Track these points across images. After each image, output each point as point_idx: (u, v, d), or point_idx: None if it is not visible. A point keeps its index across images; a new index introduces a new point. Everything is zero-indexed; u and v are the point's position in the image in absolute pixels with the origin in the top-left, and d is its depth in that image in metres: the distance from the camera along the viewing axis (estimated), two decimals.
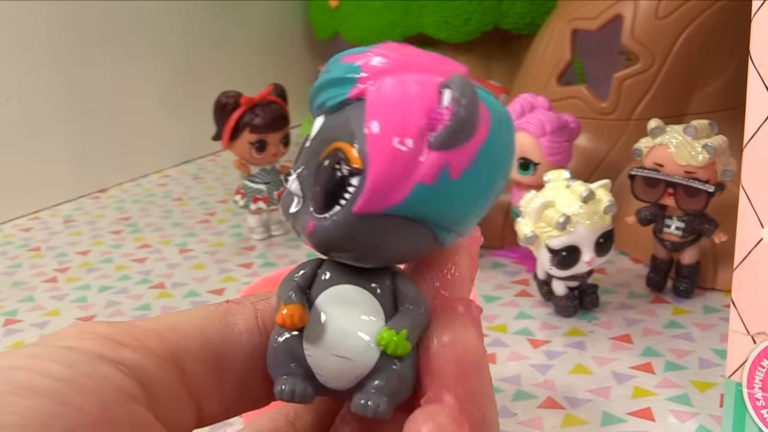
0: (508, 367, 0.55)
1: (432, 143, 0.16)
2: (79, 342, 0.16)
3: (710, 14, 0.71)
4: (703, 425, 0.47)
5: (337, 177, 0.17)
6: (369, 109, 0.16)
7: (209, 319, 0.19)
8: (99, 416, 0.15)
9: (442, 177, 0.16)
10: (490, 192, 0.18)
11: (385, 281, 0.18)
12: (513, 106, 0.68)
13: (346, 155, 0.17)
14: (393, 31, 1.08)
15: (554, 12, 0.84)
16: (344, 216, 0.17)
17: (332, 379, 0.18)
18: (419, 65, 0.17)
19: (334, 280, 0.18)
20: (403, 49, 0.18)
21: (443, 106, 0.16)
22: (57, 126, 1.01)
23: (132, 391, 0.16)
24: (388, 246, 0.17)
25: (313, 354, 0.18)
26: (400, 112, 0.16)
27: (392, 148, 0.16)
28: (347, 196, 0.17)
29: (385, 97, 0.17)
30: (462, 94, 0.16)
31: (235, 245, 0.83)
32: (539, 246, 0.58)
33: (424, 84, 0.17)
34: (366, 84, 0.17)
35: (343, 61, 0.18)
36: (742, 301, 0.38)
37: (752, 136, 0.36)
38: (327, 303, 0.18)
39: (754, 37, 0.35)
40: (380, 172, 0.16)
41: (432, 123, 0.16)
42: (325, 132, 0.18)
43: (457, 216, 0.17)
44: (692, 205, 0.59)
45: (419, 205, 0.16)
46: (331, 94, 0.18)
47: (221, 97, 0.79)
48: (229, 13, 1.23)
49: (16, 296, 0.72)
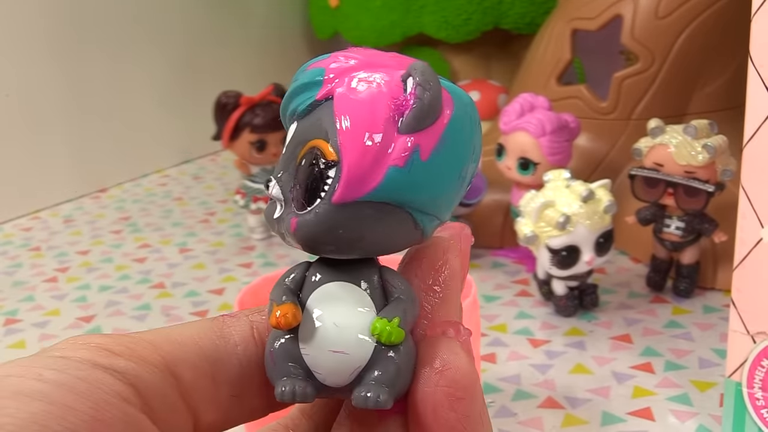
0: (508, 367, 0.55)
1: (401, 128, 0.17)
2: (73, 352, 0.17)
3: (710, 14, 0.71)
4: (703, 425, 0.47)
5: (315, 172, 0.17)
6: (337, 104, 0.17)
7: (204, 330, 0.19)
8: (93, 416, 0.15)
9: (412, 159, 0.17)
10: (461, 172, 0.18)
11: (374, 276, 0.19)
12: (513, 106, 0.68)
13: (322, 151, 0.17)
14: (393, 31, 1.08)
15: (554, 12, 0.84)
16: (325, 207, 0.17)
17: (330, 376, 0.18)
18: (382, 64, 0.18)
19: (324, 279, 0.19)
20: (366, 51, 0.19)
21: (408, 92, 0.17)
22: (57, 125, 1.01)
23: (126, 394, 0.16)
24: (370, 233, 0.18)
25: (310, 353, 0.18)
26: (368, 103, 0.17)
27: (363, 137, 0.17)
28: (326, 188, 0.17)
29: (352, 91, 0.17)
30: (424, 79, 0.17)
31: (235, 245, 0.83)
32: (539, 246, 0.58)
33: (387, 76, 0.18)
34: (332, 83, 0.18)
35: (309, 68, 0.18)
36: (742, 301, 0.38)
37: (752, 136, 0.36)
38: (319, 302, 0.18)
39: (754, 37, 0.35)
40: (354, 160, 0.17)
41: (399, 109, 0.17)
42: (299, 135, 0.18)
43: (432, 198, 0.18)
44: (692, 204, 0.59)
45: (394, 188, 0.17)
46: (301, 99, 0.18)
47: (221, 97, 0.79)
48: (229, 13, 1.23)
49: (17, 296, 0.73)
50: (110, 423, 0.15)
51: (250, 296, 0.47)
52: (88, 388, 0.16)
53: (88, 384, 0.16)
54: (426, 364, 0.18)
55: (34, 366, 0.16)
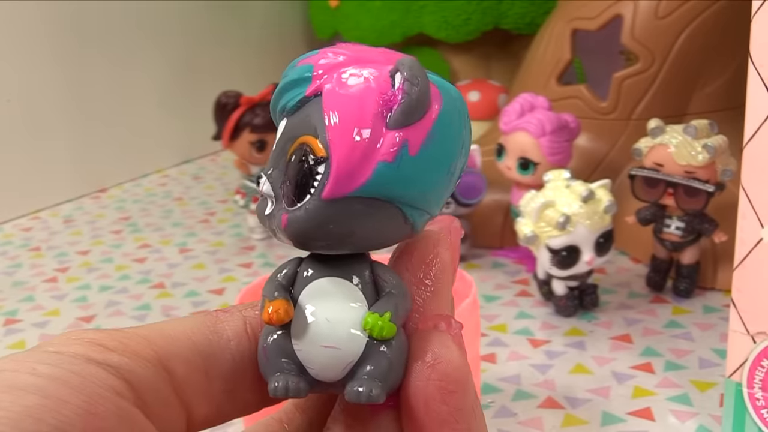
0: (508, 367, 0.55)
1: (389, 123, 0.17)
2: (66, 347, 0.17)
3: (710, 14, 0.71)
4: (703, 425, 0.47)
5: (304, 169, 0.17)
6: (326, 100, 0.17)
7: (197, 325, 0.19)
8: (87, 410, 0.15)
9: (401, 154, 0.17)
10: (449, 167, 0.18)
11: (365, 271, 0.19)
12: (513, 106, 0.68)
13: (311, 147, 0.17)
14: (393, 31, 1.08)
15: (554, 12, 0.84)
16: (315, 203, 0.17)
17: (323, 371, 0.18)
18: (371, 59, 0.18)
19: (316, 275, 0.19)
20: (354, 47, 0.19)
21: (396, 87, 0.17)
22: (57, 126, 1.01)
23: (119, 388, 0.16)
24: (360, 228, 0.18)
25: (303, 348, 0.18)
26: (356, 99, 0.17)
27: (352, 132, 0.17)
28: (315, 184, 0.17)
29: (341, 87, 0.17)
30: (412, 74, 0.17)
31: (235, 245, 0.83)
32: (539, 246, 0.58)
33: (376, 72, 0.18)
34: (321, 79, 0.18)
35: (298, 64, 0.19)
36: (742, 301, 0.38)
37: (752, 136, 0.36)
38: (311, 297, 0.18)
39: (754, 37, 0.35)
40: (343, 156, 0.17)
41: (387, 104, 0.17)
42: (289, 131, 0.19)
43: (422, 192, 0.18)
44: (692, 204, 0.59)
45: (383, 183, 0.17)
46: (290, 96, 0.19)
47: (221, 97, 0.79)
48: (229, 13, 1.23)
49: (16, 296, 0.73)
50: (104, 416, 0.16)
51: (250, 296, 0.47)
52: (81, 382, 0.16)
53: (82, 378, 0.16)
54: (418, 358, 0.18)
55: (28, 360, 0.16)
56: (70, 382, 0.16)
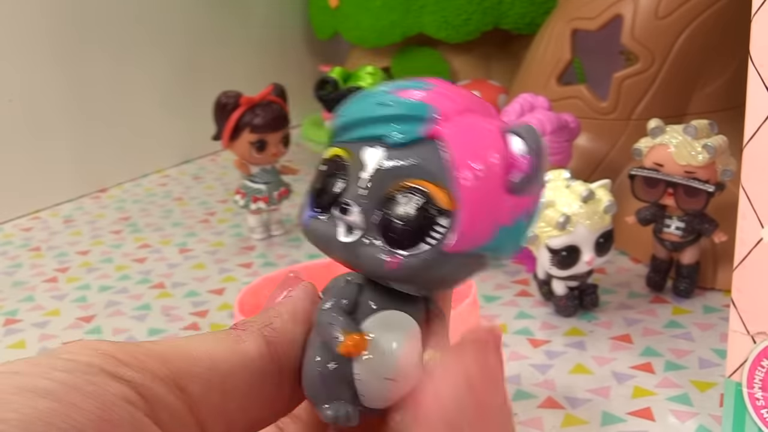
0: (508, 367, 0.55)
1: (514, 189, 0.18)
2: (81, 356, 0.17)
3: (710, 14, 0.71)
4: (703, 425, 0.47)
5: (422, 216, 0.17)
6: (455, 153, 0.18)
7: (218, 344, 0.19)
8: (100, 416, 0.15)
9: (520, 219, 0.18)
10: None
11: (420, 304, 0.19)
12: (513, 106, 0.68)
13: (433, 196, 0.17)
14: (393, 31, 1.08)
15: (554, 12, 0.84)
16: (434, 255, 0.18)
17: (377, 401, 0.19)
18: (474, 108, 0.19)
19: (380, 306, 0.19)
20: (454, 90, 0.19)
21: (518, 153, 0.18)
22: (57, 126, 1.01)
23: (133, 398, 0.16)
24: (459, 278, 0.19)
25: (363, 378, 0.18)
26: (484, 158, 0.17)
27: (482, 193, 0.17)
28: (435, 235, 0.17)
29: (466, 142, 0.18)
30: (537, 146, 0.18)
31: (235, 245, 0.83)
32: (539, 246, 0.58)
33: (492, 129, 0.18)
34: (441, 125, 0.18)
35: (401, 96, 0.18)
36: (742, 301, 0.38)
37: (752, 136, 0.36)
38: (375, 328, 0.19)
39: (754, 37, 0.35)
40: (472, 216, 0.17)
41: (509, 169, 0.18)
42: (394, 168, 0.18)
43: (515, 249, 0.19)
44: (692, 204, 0.59)
45: (499, 244, 0.18)
46: (395, 130, 0.18)
47: (221, 97, 0.79)
48: (230, 13, 1.23)
49: (16, 296, 0.73)
50: (117, 423, 0.15)
51: (250, 296, 0.47)
52: (95, 390, 0.16)
53: (96, 386, 0.16)
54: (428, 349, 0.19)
55: (42, 365, 0.16)
56: (83, 388, 0.16)
